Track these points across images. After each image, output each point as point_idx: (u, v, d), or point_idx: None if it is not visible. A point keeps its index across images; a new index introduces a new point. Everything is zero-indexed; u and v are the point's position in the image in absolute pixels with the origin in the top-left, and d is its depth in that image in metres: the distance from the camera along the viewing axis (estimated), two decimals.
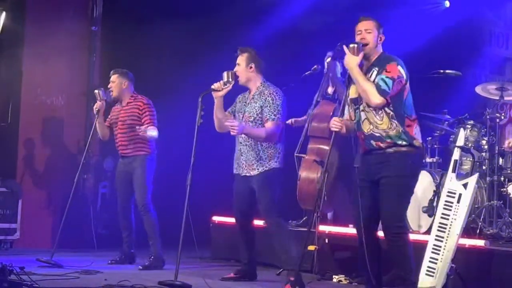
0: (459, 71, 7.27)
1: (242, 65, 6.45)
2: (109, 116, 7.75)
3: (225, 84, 6.26)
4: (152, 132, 7.35)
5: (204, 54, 9.38)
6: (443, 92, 8.61)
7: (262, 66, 6.53)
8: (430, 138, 7.48)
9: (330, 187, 7.37)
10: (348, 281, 6.76)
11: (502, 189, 6.96)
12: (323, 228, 7.20)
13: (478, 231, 6.58)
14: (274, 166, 6.44)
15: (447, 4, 9.81)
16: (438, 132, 7.41)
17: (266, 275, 7.05)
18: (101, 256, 7.73)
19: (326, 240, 7.16)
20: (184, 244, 6.45)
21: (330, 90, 7.93)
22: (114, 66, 7.82)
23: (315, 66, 7.97)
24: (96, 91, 7.64)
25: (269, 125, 6.36)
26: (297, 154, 7.73)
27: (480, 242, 6.08)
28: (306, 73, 8.00)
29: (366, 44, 5.30)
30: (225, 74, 6.29)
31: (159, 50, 10.03)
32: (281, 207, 6.56)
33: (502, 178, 6.96)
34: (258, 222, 8.01)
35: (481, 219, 6.73)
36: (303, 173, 7.58)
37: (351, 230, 7.20)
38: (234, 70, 6.40)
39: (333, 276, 6.88)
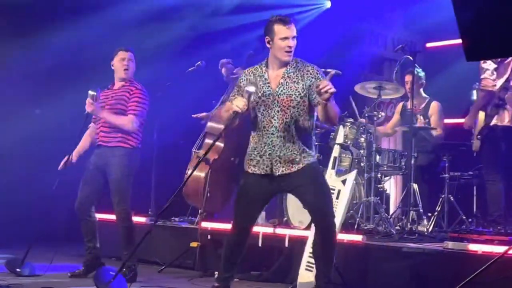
0: (340, 70, 7.42)
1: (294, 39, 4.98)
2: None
3: (249, 99, 4.83)
4: (114, 118, 6.24)
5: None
6: None
7: None
8: None
9: (217, 185, 7.42)
10: None
11: (379, 186, 7.19)
12: (205, 224, 7.21)
13: (356, 226, 6.75)
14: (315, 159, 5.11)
15: (329, 4, 10.01)
16: (318, 129, 7.55)
17: (148, 273, 7.00)
18: None
19: (209, 237, 7.17)
20: (66, 240, 6.37)
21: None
22: None
23: (199, 62, 8.01)
24: (92, 92, 6.26)
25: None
26: (195, 150, 7.77)
27: (357, 237, 6.24)
28: (190, 69, 8.02)
29: None
30: (251, 89, 4.82)
31: None
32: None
33: (379, 175, 7.18)
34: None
35: (359, 215, 6.91)
36: (190, 170, 7.62)
37: None
38: (293, 44, 4.94)
39: (215, 272, 6.89)
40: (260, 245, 6.71)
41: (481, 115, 6.45)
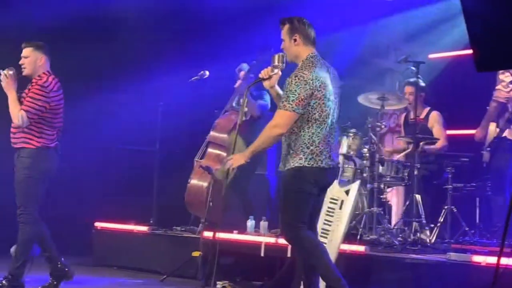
0: (341, 80, 7.41)
1: (286, 40, 5.02)
2: None
3: (273, 69, 5.02)
4: (13, 104, 5.89)
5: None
6: None
7: (311, 35, 5.04)
8: None
9: (218, 195, 7.40)
10: (231, 286, 6.78)
11: (381, 196, 7.17)
12: (208, 234, 7.19)
13: (358, 237, 6.73)
14: (298, 165, 4.86)
15: None
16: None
17: (150, 283, 6.99)
18: None
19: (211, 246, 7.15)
20: (65, 250, 6.29)
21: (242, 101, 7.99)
22: None
23: (202, 72, 8.00)
24: (8, 72, 6.03)
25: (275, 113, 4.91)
26: (197, 160, 7.76)
27: (360, 248, 6.24)
28: (193, 78, 8.01)
29: None
30: (275, 56, 5.02)
31: None
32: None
33: (382, 186, 7.16)
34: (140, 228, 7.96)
35: (361, 226, 6.90)
36: (193, 179, 7.63)
37: (235, 236, 7.25)
38: (281, 47, 5.09)
39: (217, 282, 6.88)
40: (262, 255, 6.70)
41: (492, 126, 6.47)
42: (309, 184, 4.81)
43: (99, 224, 8.38)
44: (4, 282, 5.82)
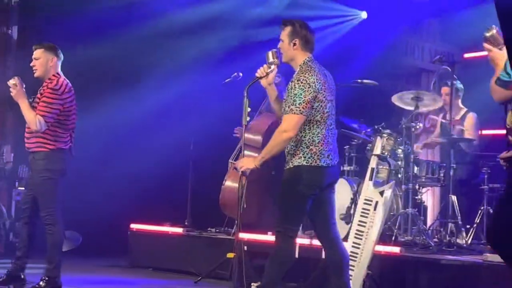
0: (376, 81, 7.39)
1: (286, 41, 5.06)
2: None
3: (269, 66, 5.09)
4: (27, 111, 5.90)
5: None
6: (361, 102, 8.75)
7: (311, 41, 5.07)
8: (347, 146, 7.58)
9: (253, 196, 7.41)
10: None
11: (416, 197, 7.12)
12: (241, 235, 7.20)
13: (393, 238, 6.70)
14: (297, 164, 4.91)
15: (365, 15, 9.97)
16: (355, 140, 7.52)
17: (184, 284, 7.02)
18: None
19: (245, 248, 7.16)
20: (101, 252, 6.34)
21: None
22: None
23: (235, 73, 8.01)
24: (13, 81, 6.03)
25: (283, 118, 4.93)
26: (232, 161, 7.78)
27: (395, 249, 6.20)
28: (226, 80, 8.02)
29: None
30: (269, 53, 5.11)
31: None
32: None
33: (417, 186, 7.11)
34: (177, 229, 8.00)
35: (396, 227, 6.86)
36: (227, 181, 7.66)
37: (269, 237, 7.24)
38: (278, 46, 5.13)
39: (252, 283, 6.88)
40: (296, 256, 6.66)
41: None
42: (304, 186, 4.86)
43: (134, 226, 8.43)
44: (41, 283, 5.88)
